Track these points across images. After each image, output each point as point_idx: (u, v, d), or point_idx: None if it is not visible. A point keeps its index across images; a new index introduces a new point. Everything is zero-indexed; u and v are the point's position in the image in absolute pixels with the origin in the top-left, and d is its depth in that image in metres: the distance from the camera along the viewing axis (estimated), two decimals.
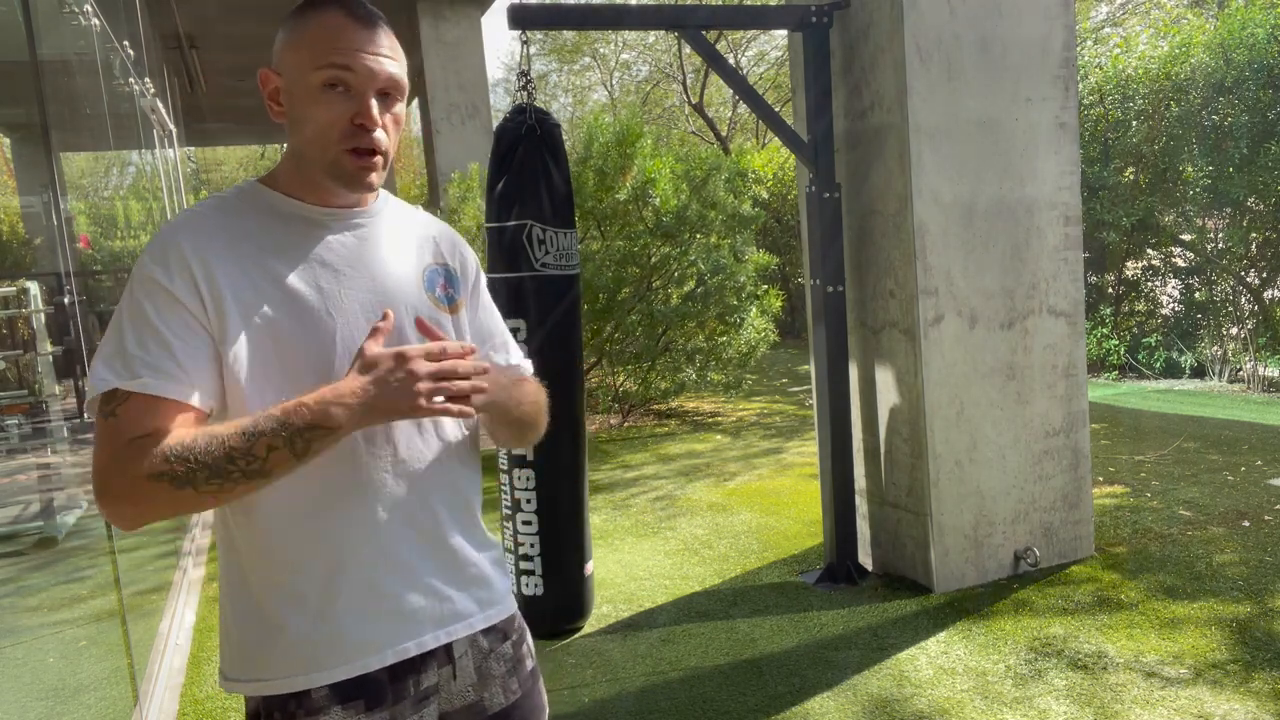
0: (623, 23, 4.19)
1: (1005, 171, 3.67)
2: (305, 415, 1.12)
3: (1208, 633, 3.20)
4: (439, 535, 1.33)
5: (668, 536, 4.68)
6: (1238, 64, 7.13)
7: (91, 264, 6.12)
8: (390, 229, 1.36)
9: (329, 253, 1.28)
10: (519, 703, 1.41)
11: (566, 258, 3.44)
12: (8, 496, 5.35)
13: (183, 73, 8.71)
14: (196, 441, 1.11)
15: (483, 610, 1.38)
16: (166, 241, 1.21)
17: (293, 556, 1.24)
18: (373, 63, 1.23)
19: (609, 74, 21.68)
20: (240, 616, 1.27)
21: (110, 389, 1.15)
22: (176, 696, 3.30)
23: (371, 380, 1.15)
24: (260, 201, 1.29)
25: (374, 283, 1.29)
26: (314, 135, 1.24)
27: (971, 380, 3.69)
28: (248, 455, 1.11)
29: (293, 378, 1.21)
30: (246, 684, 1.27)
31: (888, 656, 3.21)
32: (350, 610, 1.25)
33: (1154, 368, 8.03)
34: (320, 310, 1.24)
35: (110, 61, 4.59)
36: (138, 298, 1.19)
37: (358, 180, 1.26)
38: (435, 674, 1.33)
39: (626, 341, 7.31)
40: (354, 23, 1.23)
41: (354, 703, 1.25)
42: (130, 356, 1.16)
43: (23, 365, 5.44)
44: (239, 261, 1.22)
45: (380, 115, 1.25)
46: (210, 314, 1.19)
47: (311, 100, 1.23)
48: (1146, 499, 4.67)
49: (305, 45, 1.23)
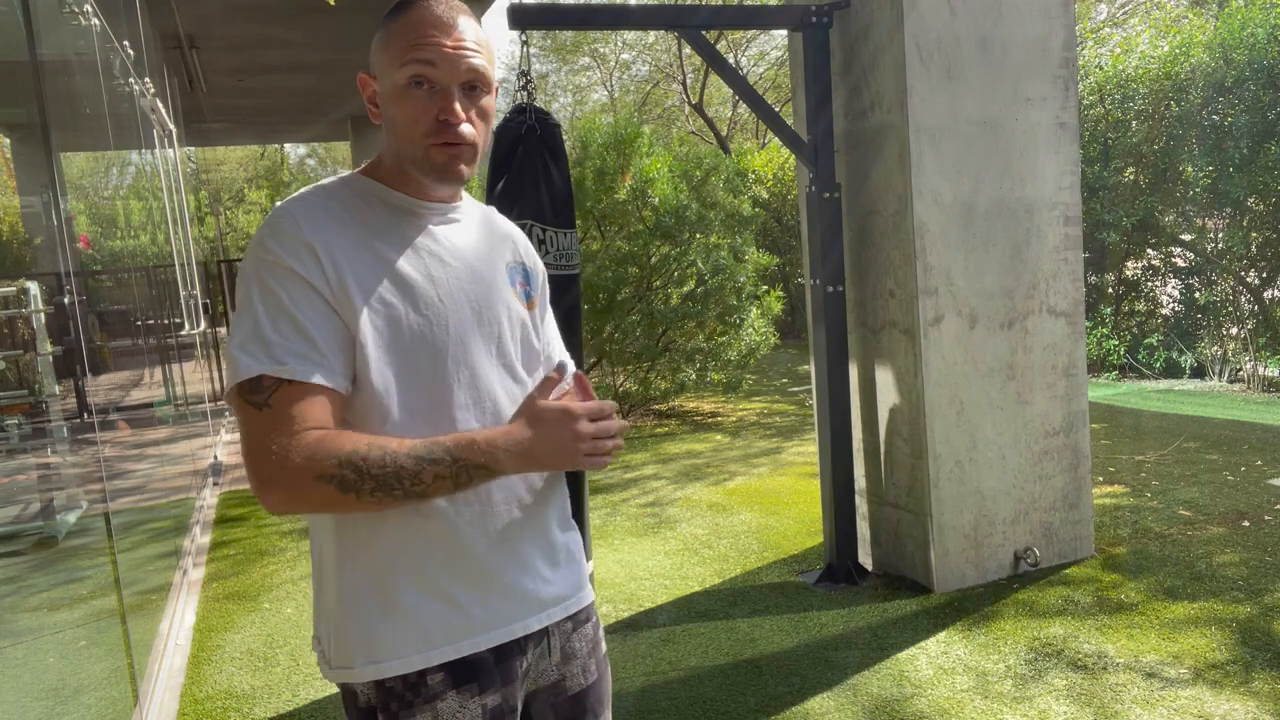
0: (623, 23, 4.19)
1: (1005, 171, 3.67)
2: (476, 456, 1.19)
3: (1208, 633, 3.20)
4: (542, 518, 1.37)
5: (668, 536, 4.68)
6: (1238, 64, 7.13)
7: (91, 264, 6.12)
8: (479, 225, 1.40)
9: (434, 243, 1.31)
10: (595, 684, 1.45)
11: (567, 258, 3.44)
12: (8, 496, 5.35)
13: (183, 73, 8.71)
14: (370, 453, 1.15)
15: (575, 593, 1.42)
16: (285, 225, 1.22)
17: (408, 537, 1.25)
18: (455, 57, 1.24)
19: (609, 74, 21.68)
20: (351, 597, 1.26)
21: (255, 375, 1.15)
22: (176, 696, 3.30)
23: (540, 434, 1.23)
24: (366, 191, 1.31)
25: (474, 273, 1.33)
26: (404, 133, 1.26)
27: (971, 380, 3.69)
28: (415, 478, 1.16)
29: (408, 361, 1.24)
30: (360, 669, 1.25)
31: (888, 656, 3.21)
32: (464, 590, 1.28)
33: (1154, 368, 8.03)
34: (433, 297, 1.27)
35: (110, 61, 4.59)
36: (268, 283, 1.19)
37: (448, 171, 1.28)
38: (532, 654, 1.36)
39: (626, 341, 7.31)
40: (434, 19, 1.25)
41: (468, 685, 1.27)
42: (270, 343, 1.16)
43: (23, 365, 5.44)
44: (355, 247, 1.24)
45: (466, 109, 1.26)
46: (336, 293, 1.20)
47: (398, 99, 1.26)
48: (1146, 499, 4.67)
49: (390, 46, 1.26)
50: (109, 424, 5.23)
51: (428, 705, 1.25)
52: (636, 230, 6.96)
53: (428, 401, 1.25)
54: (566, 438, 1.23)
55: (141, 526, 4.86)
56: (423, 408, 1.25)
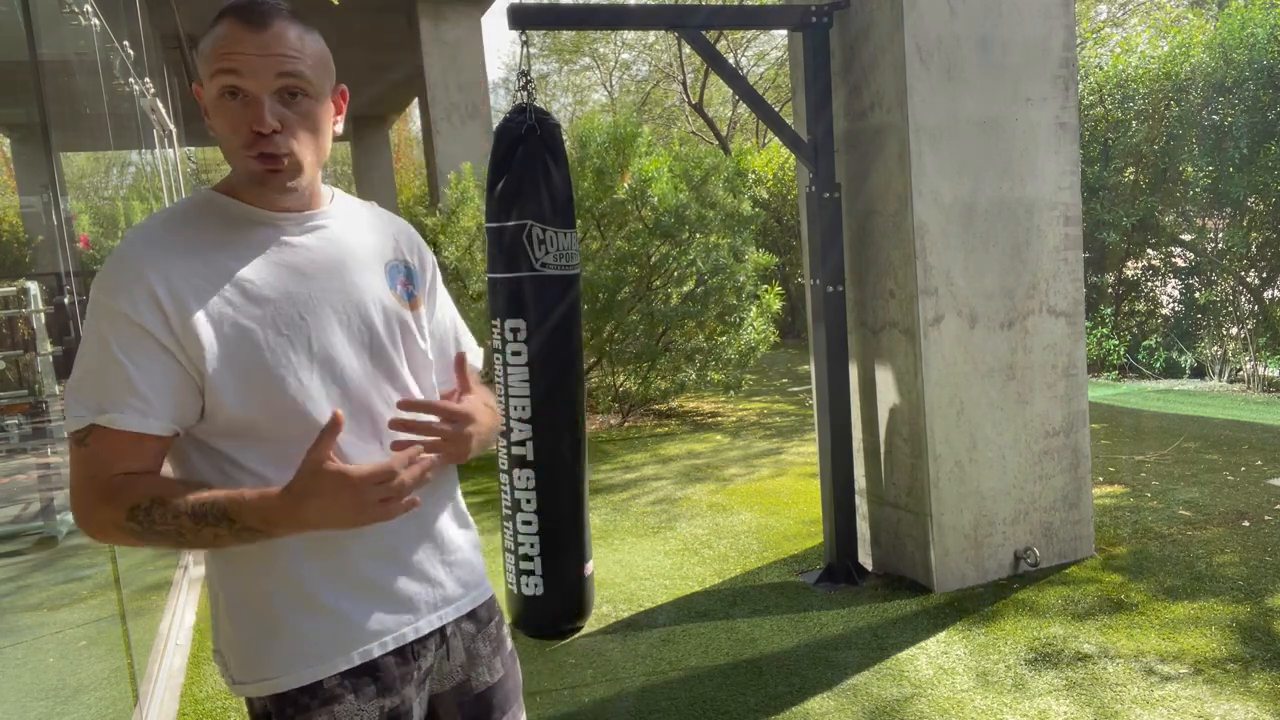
0: (623, 23, 4.19)
1: (1005, 171, 3.67)
2: (248, 518, 1.15)
3: (1208, 633, 3.20)
4: (426, 520, 1.35)
5: (668, 536, 4.68)
6: (1238, 64, 7.13)
7: (91, 264, 6.12)
8: (349, 228, 1.35)
9: (293, 256, 1.27)
10: (502, 682, 1.45)
11: (567, 258, 3.44)
12: (8, 496, 5.35)
13: (183, 73, 8.71)
14: (153, 510, 1.16)
15: (469, 593, 1.41)
16: (124, 264, 1.19)
17: (291, 555, 1.25)
18: (260, 64, 1.19)
19: (609, 74, 21.68)
20: (241, 620, 1.28)
21: (85, 426, 1.19)
22: (176, 696, 3.30)
23: (316, 503, 1.14)
24: (215, 209, 1.27)
25: (341, 283, 1.30)
26: (226, 146, 1.24)
27: (971, 380, 3.69)
28: (195, 534, 1.16)
29: (273, 382, 1.22)
30: (257, 684, 1.27)
31: (888, 656, 3.21)
32: (349, 600, 1.27)
33: (1154, 368, 8.03)
34: (292, 314, 1.24)
35: (110, 61, 4.59)
36: (100, 328, 1.19)
37: (270, 185, 1.24)
38: (432, 656, 1.36)
39: (626, 341, 7.31)
40: (243, 27, 1.20)
41: (367, 688, 1.27)
42: (96, 388, 1.19)
43: (23, 365, 5.44)
44: (202, 272, 1.21)
45: (283, 117, 1.22)
46: (178, 332, 1.18)
47: (215, 111, 1.23)
48: (1146, 499, 4.67)
49: (205, 57, 1.23)
50: None
51: (324, 708, 1.25)
52: (636, 230, 6.96)
53: (298, 421, 1.23)
54: (346, 506, 1.14)
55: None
56: (294, 426, 1.22)
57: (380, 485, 1.14)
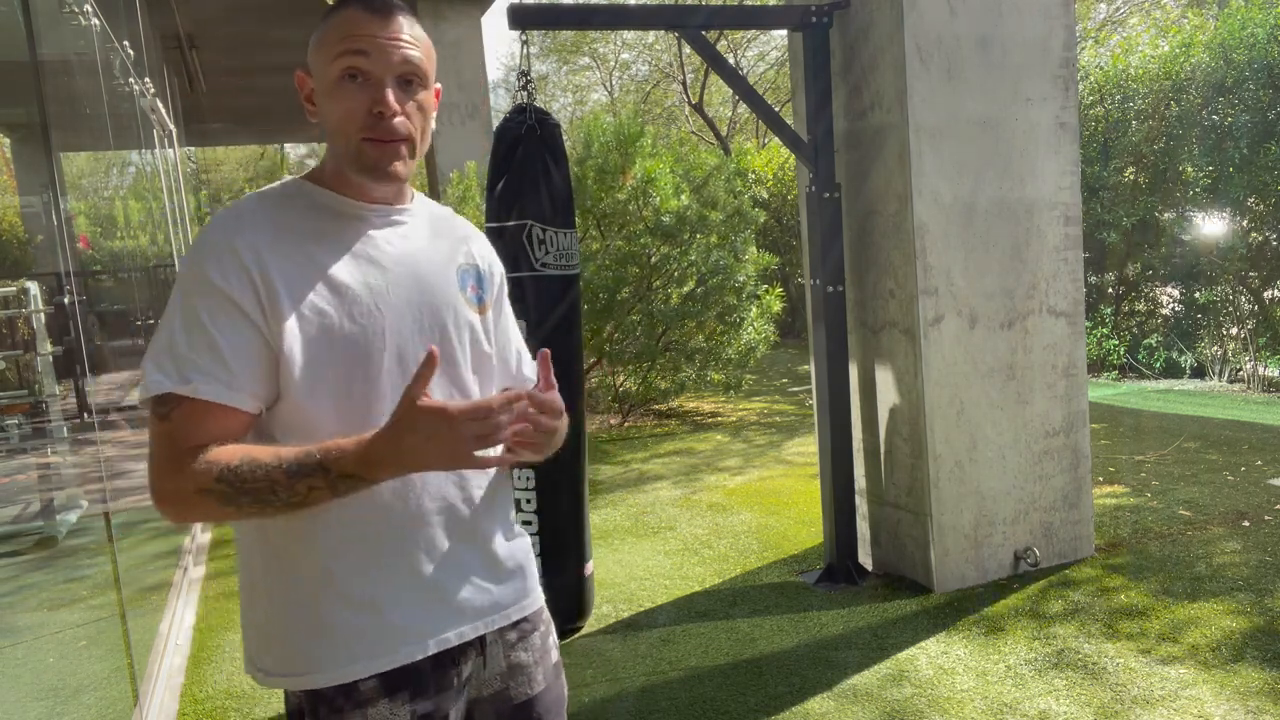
0: (623, 23, 4.19)
1: (1005, 171, 3.67)
2: (349, 466, 1.14)
3: (1208, 633, 3.20)
4: (478, 528, 1.35)
5: (668, 536, 4.68)
6: (1238, 64, 7.13)
7: (91, 264, 6.12)
8: (428, 228, 1.38)
9: (374, 249, 1.29)
10: (542, 694, 1.43)
11: (567, 258, 3.44)
12: (8, 496, 5.35)
13: (183, 73, 8.71)
14: (243, 467, 1.14)
15: (517, 602, 1.40)
16: (219, 236, 1.22)
17: (336, 551, 1.25)
18: (389, 48, 1.24)
19: (609, 74, 21.68)
20: (280, 611, 1.27)
21: (164, 392, 1.17)
22: (176, 696, 3.30)
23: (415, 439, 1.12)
24: (305, 197, 1.30)
25: (417, 280, 1.31)
26: (337, 128, 1.26)
27: (971, 380, 3.69)
28: (290, 490, 1.14)
29: (340, 370, 1.23)
30: (291, 679, 1.26)
31: (888, 656, 3.21)
32: (394, 601, 1.27)
33: (1154, 368, 8.03)
34: (369, 305, 1.25)
35: (110, 61, 4.59)
36: (190, 297, 1.20)
37: (380, 169, 1.26)
38: (471, 663, 1.35)
39: (626, 341, 7.31)
40: (368, 13, 1.25)
41: (400, 693, 1.27)
42: (181, 359, 1.17)
43: (23, 365, 5.44)
44: (288, 254, 1.23)
45: (401, 101, 1.25)
46: (266, 308, 1.20)
47: (332, 94, 1.25)
48: (1146, 499, 4.67)
49: (325, 42, 1.26)
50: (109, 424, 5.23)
51: (358, 710, 1.25)
52: (636, 230, 6.96)
53: (360, 411, 1.23)
54: (445, 441, 1.11)
55: (141, 526, 4.86)
56: (355, 417, 1.22)
57: (477, 422, 1.12)
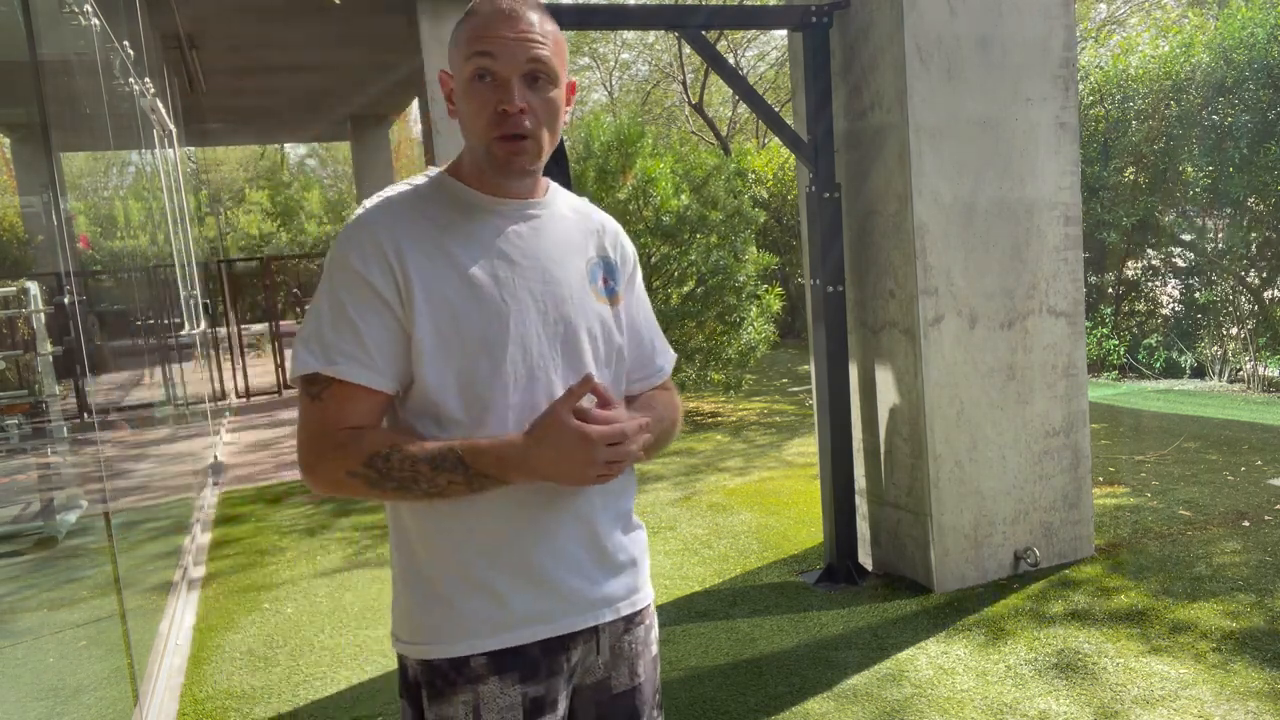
0: (622, 23, 4.19)
1: (1005, 171, 3.67)
2: (484, 465, 1.24)
3: (1208, 632, 3.20)
4: (596, 521, 1.38)
5: (668, 536, 4.68)
6: (1238, 64, 7.12)
7: (91, 264, 6.11)
8: (560, 220, 1.41)
9: (505, 243, 1.34)
10: (641, 687, 1.46)
11: None
12: (8, 496, 5.35)
13: (183, 73, 8.70)
14: (392, 456, 1.24)
15: (629, 596, 1.43)
16: (362, 228, 1.29)
17: (460, 535, 1.31)
18: (514, 47, 1.27)
19: (609, 74, 21.68)
20: (409, 586, 1.35)
21: (312, 371, 1.27)
22: (176, 696, 3.30)
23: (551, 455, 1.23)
24: (444, 189, 1.36)
25: (545, 274, 1.35)
26: (469, 127, 1.32)
27: (971, 380, 3.69)
28: (431, 481, 1.24)
29: (466, 361, 1.29)
30: (412, 646, 1.34)
31: (888, 656, 3.21)
32: (511, 587, 1.33)
33: (1154, 368, 8.03)
34: (496, 298, 1.30)
35: (110, 61, 4.58)
36: (336, 285, 1.28)
37: (508, 166, 1.31)
38: (580, 651, 1.39)
39: None
40: (497, 12, 1.28)
41: (510, 673, 1.32)
42: (328, 343, 1.27)
43: (23, 365, 5.44)
44: (426, 247, 1.29)
45: (528, 99, 1.29)
46: (403, 298, 1.27)
47: (464, 93, 1.31)
48: (1146, 499, 4.67)
49: (459, 43, 1.31)
50: (109, 424, 5.23)
51: (469, 686, 1.31)
52: (637, 230, 6.96)
53: (483, 400, 1.30)
54: (578, 461, 1.23)
55: (141, 526, 4.85)
56: (478, 406, 1.29)
57: (611, 448, 1.23)
